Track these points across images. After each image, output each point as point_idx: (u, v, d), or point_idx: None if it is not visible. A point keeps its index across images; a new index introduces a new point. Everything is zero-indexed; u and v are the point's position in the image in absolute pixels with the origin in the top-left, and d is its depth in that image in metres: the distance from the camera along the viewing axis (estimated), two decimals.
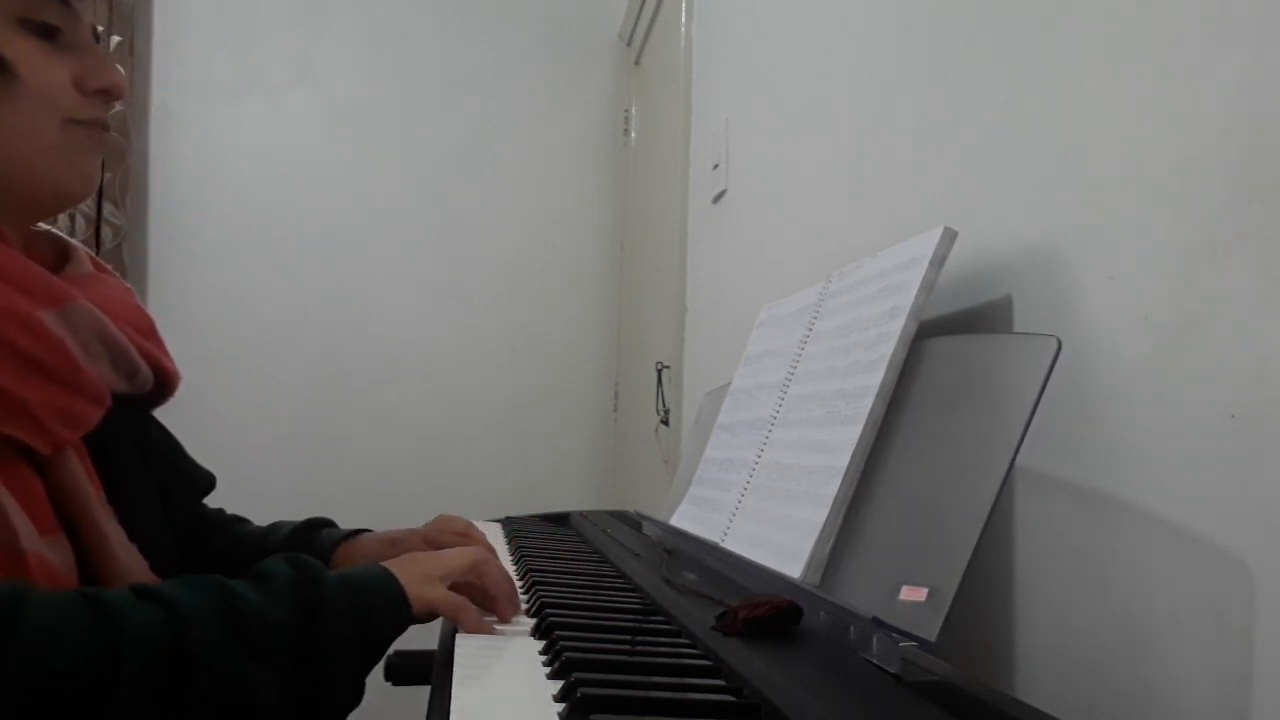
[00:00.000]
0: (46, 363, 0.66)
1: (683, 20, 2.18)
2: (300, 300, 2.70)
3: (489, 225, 2.81)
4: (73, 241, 0.82)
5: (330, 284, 2.72)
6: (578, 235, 2.91)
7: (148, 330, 0.82)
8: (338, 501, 2.62)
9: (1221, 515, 0.57)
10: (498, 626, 0.75)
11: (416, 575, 0.74)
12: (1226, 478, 0.57)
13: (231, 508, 1.09)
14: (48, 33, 0.72)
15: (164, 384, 0.83)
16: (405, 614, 0.72)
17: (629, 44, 2.90)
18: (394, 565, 0.75)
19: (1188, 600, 0.59)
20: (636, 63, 2.85)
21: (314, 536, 1.02)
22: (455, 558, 0.77)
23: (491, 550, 0.86)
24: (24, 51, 0.70)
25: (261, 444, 2.61)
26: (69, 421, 0.68)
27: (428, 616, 0.74)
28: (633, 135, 2.87)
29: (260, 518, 1.11)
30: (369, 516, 2.86)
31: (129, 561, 0.72)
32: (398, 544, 0.98)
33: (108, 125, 0.76)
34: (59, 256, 0.79)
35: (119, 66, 0.76)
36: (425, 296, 2.77)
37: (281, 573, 0.67)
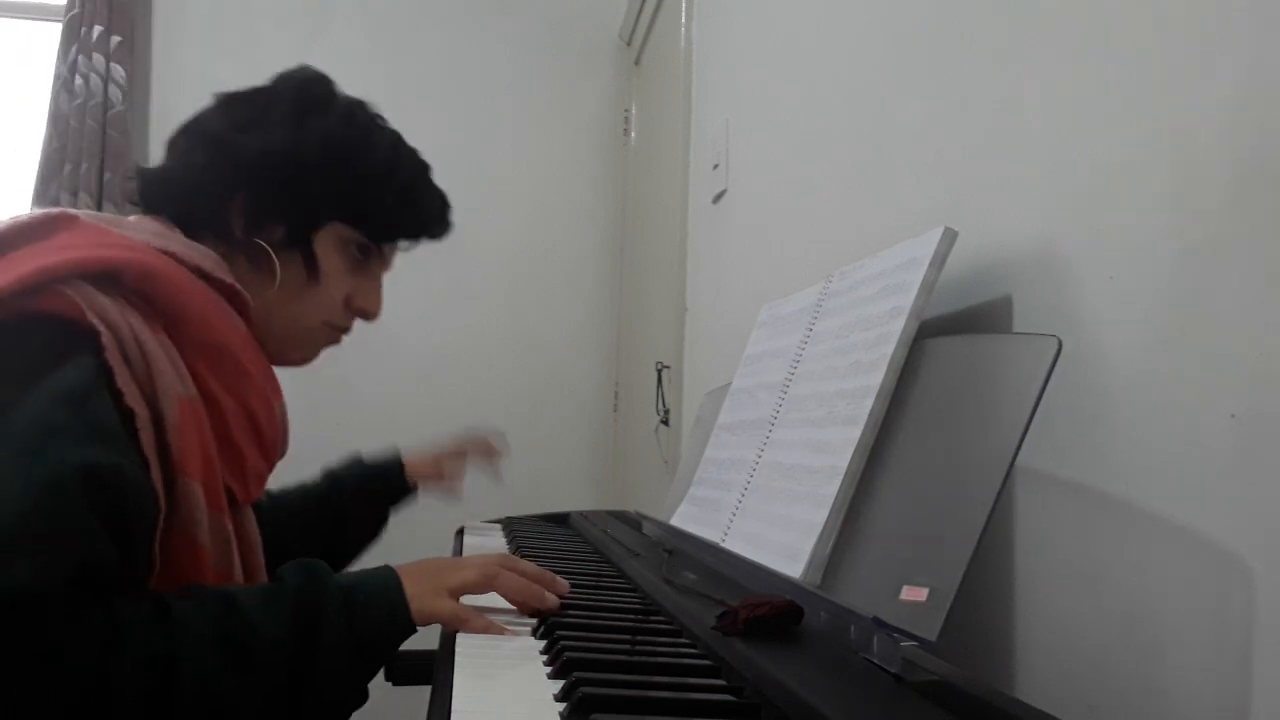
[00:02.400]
0: (265, 435, 0.86)
1: (683, 20, 2.18)
2: None
3: (489, 225, 2.81)
4: None
5: None
6: (578, 235, 2.91)
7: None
8: None
9: (1221, 515, 0.57)
10: (511, 625, 0.75)
11: (427, 589, 0.74)
12: (1226, 478, 0.57)
13: None
14: (358, 259, 0.95)
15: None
16: (407, 628, 0.73)
17: (629, 44, 2.90)
18: (405, 575, 0.75)
19: (1188, 600, 0.59)
20: (636, 63, 2.85)
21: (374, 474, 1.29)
22: (469, 571, 0.77)
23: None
24: (334, 267, 0.92)
25: None
26: (259, 482, 0.87)
27: (429, 623, 0.75)
28: (633, 135, 2.87)
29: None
30: None
31: None
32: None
33: (349, 331, 0.98)
34: None
35: (381, 296, 1.00)
36: (425, 296, 2.77)
37: (289, 585, 0.71)
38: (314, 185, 0.89)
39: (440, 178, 1.05)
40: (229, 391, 0.80)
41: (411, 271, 2.74)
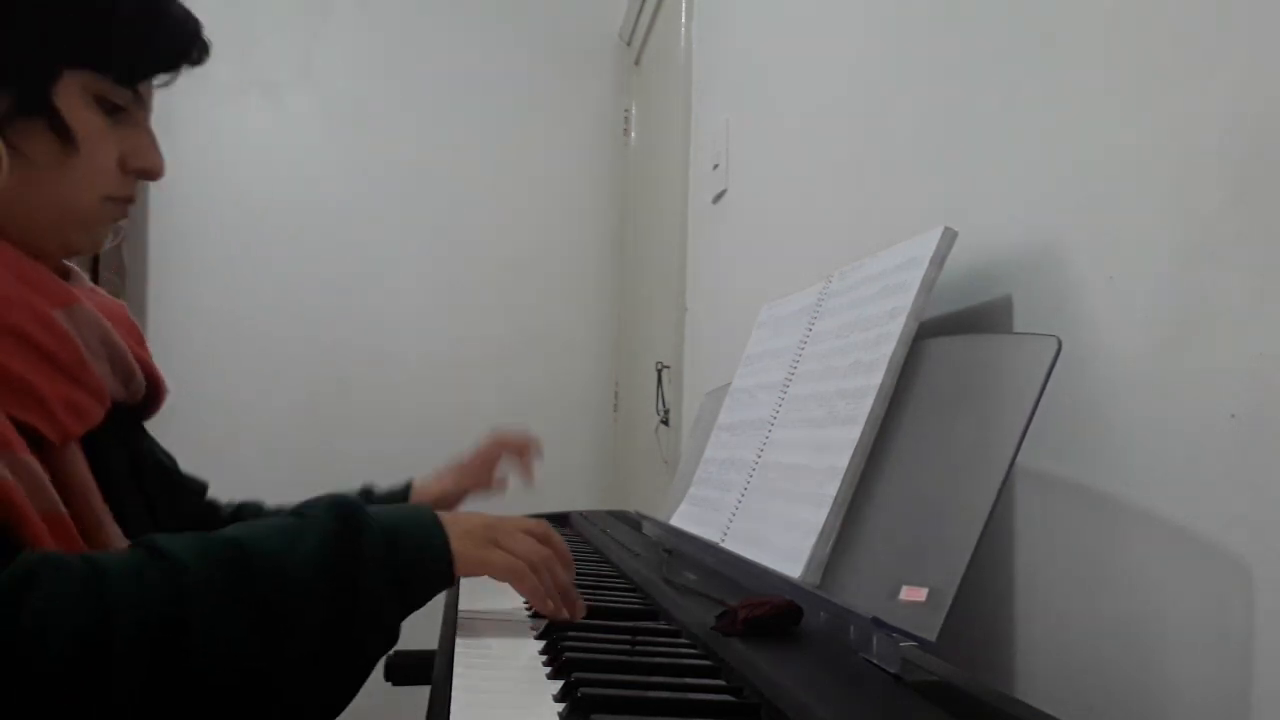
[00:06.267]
0: (57, 356, 0.70)
1: (683, 20, 2.18)
2: (300, 300, 2.70)
3: (489, 225, 2.81)
4: (70, 264, 0.85)
5: (330, 284, 2.71)
6: (578, 235, 2.91)
7: (139, 341, 0.85)
8: None
9: (1221, 515, 0.57)
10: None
11: (467, 532, 0.71)
12: (1226, 478, 0.57)
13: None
14: (113, 110, 0.77)
15: (154, 395, 0.86)
16: (448, 574, 0.69)
17: (629, 44, 2.90)
18: (448, 517, 0.72)
19: (1187, 600, 0.59)
20: (636, 63, 2.85)
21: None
22: (500, 556, 0.73)
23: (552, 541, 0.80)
24: (89, 126, 0.75)
25: (260, 443, 2.61)
26: (77, 414, 0.71)
27: (475, 574, 0.72)
28: (633, 135, 2.87)
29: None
30: None
31: None
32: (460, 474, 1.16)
33: (133, 199, 0.81)
34: (60, 273, 0.82)
35: (159, 148, 0.83)
36: (425, 296, 2.77)
37: (319, 524, 0.65)
38: (23, 30, 0.73)
39: (440, 177, 1.04)
40: None
41: (411, 271, 2.76)
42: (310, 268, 2.70)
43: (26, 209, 0.73)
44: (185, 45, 0.83)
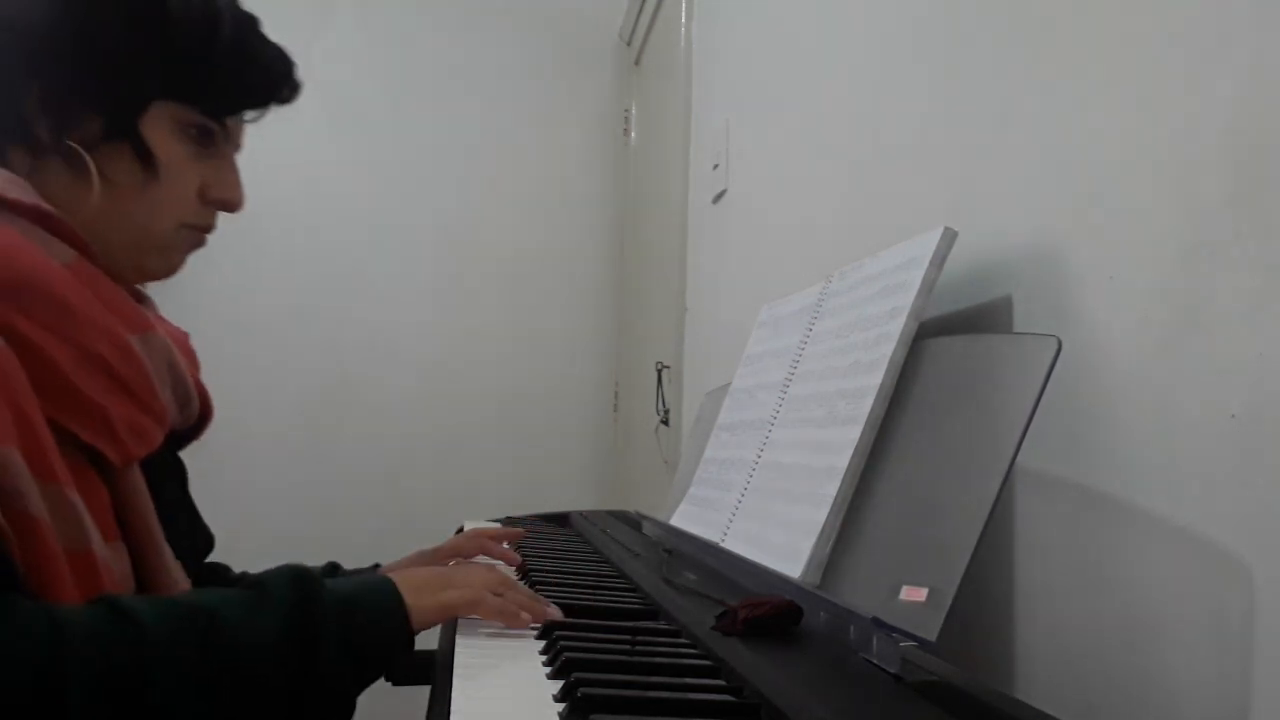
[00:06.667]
0: (129, 381, 0.71)
1: (683, 20, 2.18)
2: (300, 300, 2.70)
3: (489, 225, 2.81)
4: (143, 289, 0.86)
5: (330, 284, 2.71)
6: (578, 235, 2.91)
7: (196, 366, 0.87)
8: (337, 502, 2.63)
9: (1221, 515, 0.57)
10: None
11: (426, 600, 0.72)
12: (1226, 478, 0.57)
13: (232, 506, 1.09)
14: (200, 141, 0.79)
15: (202, 420, 0.89)
16: (405, 633, 0.70)
17: (629, 44, 2.90)
18: (398, 576, 0.73)
19: (1187, 600, 0.59)
20: (636, 63, 2.85)
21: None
22: (454, 593, 0.74)
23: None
24: (173, 154, 0.77)
25: (261, 443, 2.61)
26: (140, 437, 0.72)
27: (437, 622, 0.73)
28: (633, 135, 2.87)
29: (259, 515, 1.11)
30: (369, 516, 2.86)
31: (178, 577, 0.75)
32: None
33: (211, 229, 0.84)
34: (135, 296, 0.83)
35: (241, 182, 0.84)
36: (425, 296, 2.77)
37: (279, 596, 0.66)
38: (119, 59, 0.74)
39: (440, 177, 1.04)
40: (53, 333, 0.67)
41: (411, 271, 2.76)
42: (310, 267, 2.70)
43: (106, 230, 0.74)
44: (277, 84, 0.85)
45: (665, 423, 2.14)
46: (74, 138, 0.73)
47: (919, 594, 0.60)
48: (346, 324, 2.72)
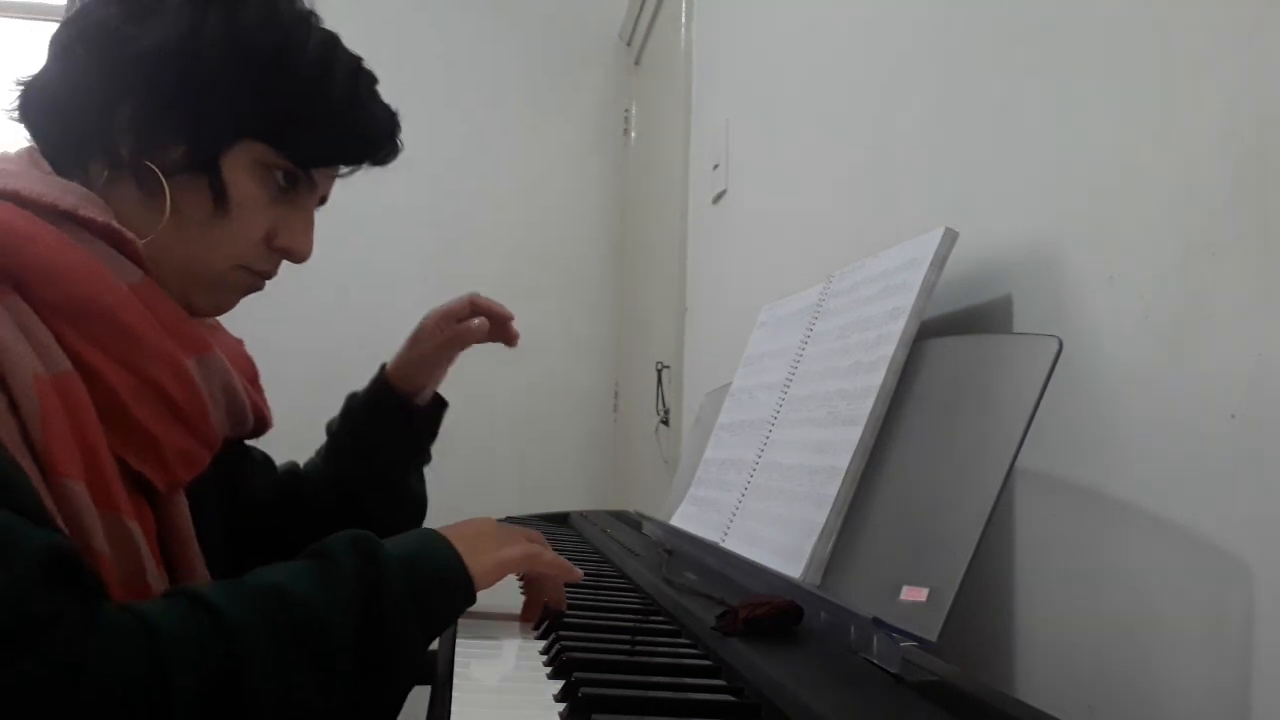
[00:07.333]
0: (183, 408, 0.70)
1: (683, 20, 2.18)
2: (298, 300, 2.69)
3: (488, 225, 2.81)
4: None
5: (329, 284, 2.71)
6: (578, 235, 2.91)
7: (254, 379, 0.87)
8: None
9: (1221, 515, 0.57)
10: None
11: (474, 544, 0.71)
12: (1226, 478, 0.57)
13: None
14: (282, 187, 0.76)
15: (258, 428, 0.90)
16: (470, 596, 0.69)
17: (629, 44, 2.90)
18: (452, 534, 0.71)
19: (1187, 600, 0.59)
20: (636, 63, 2.85)
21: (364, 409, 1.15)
22: (515, 549, 0.74)
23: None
24: (248, 196, 0.74)
25: (259, 443, 2.61)
26: (187, 463, 0.72)
27: (496, 581, 0.71)
28: (633, 135, 2.87)
29: None
30: None
31: None
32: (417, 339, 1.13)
33: (272, 274, 0.81)
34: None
35: (312, 235, 0.81)
36: (424, 296, 2.75)
37: (344, 562, 0.64)
38: (219, 92, 0.71)
39: (440, 177, 1.03)
40: (114, 359, 0.66)
41: (411, 271, 2.76)
42: (307, 268, 2.69)
43: (160, 255, 0.71)
44: (376, 145, 0.83)
45: (665, 423, 2.14)
46: (154, 161, 0.71)
47: (919, 594, 0.60)
48: (345, 323, 2.71)
